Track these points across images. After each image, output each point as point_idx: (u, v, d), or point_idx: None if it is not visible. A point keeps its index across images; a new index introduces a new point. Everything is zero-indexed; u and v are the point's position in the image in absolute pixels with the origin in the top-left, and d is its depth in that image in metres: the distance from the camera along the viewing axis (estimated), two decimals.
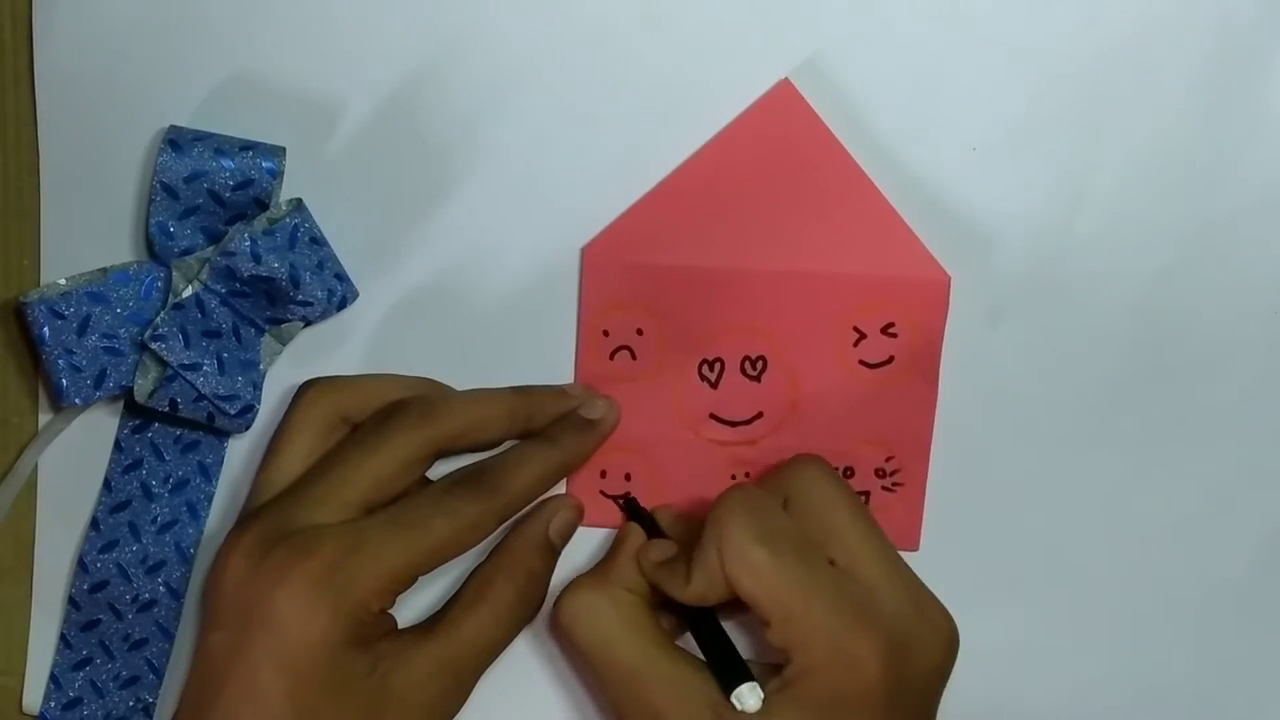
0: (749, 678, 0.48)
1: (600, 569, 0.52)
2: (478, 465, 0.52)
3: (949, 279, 0.52)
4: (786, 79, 0.52)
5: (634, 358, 0.54)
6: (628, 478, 0.54)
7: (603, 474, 0.54)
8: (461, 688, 0.51)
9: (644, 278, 0.53)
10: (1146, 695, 0.55)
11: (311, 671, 0.47)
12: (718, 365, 0.54)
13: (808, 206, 0.52)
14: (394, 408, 0.51)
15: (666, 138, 0.52)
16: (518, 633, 0.52)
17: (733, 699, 0.48)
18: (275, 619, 0.47)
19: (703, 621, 0.51)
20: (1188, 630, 0.55)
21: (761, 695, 0.47)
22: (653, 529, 0.53)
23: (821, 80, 0.51)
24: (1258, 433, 0.53)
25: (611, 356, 0.54)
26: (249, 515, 0.51)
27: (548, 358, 0.54)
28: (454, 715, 0.51)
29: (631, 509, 0.54)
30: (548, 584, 0.53)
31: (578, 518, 0.54)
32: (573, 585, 0.51)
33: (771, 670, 0.48)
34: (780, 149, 0.52)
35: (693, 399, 0.54)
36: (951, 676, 0.49)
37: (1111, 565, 0.54)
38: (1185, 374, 0.53)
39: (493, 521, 0.51)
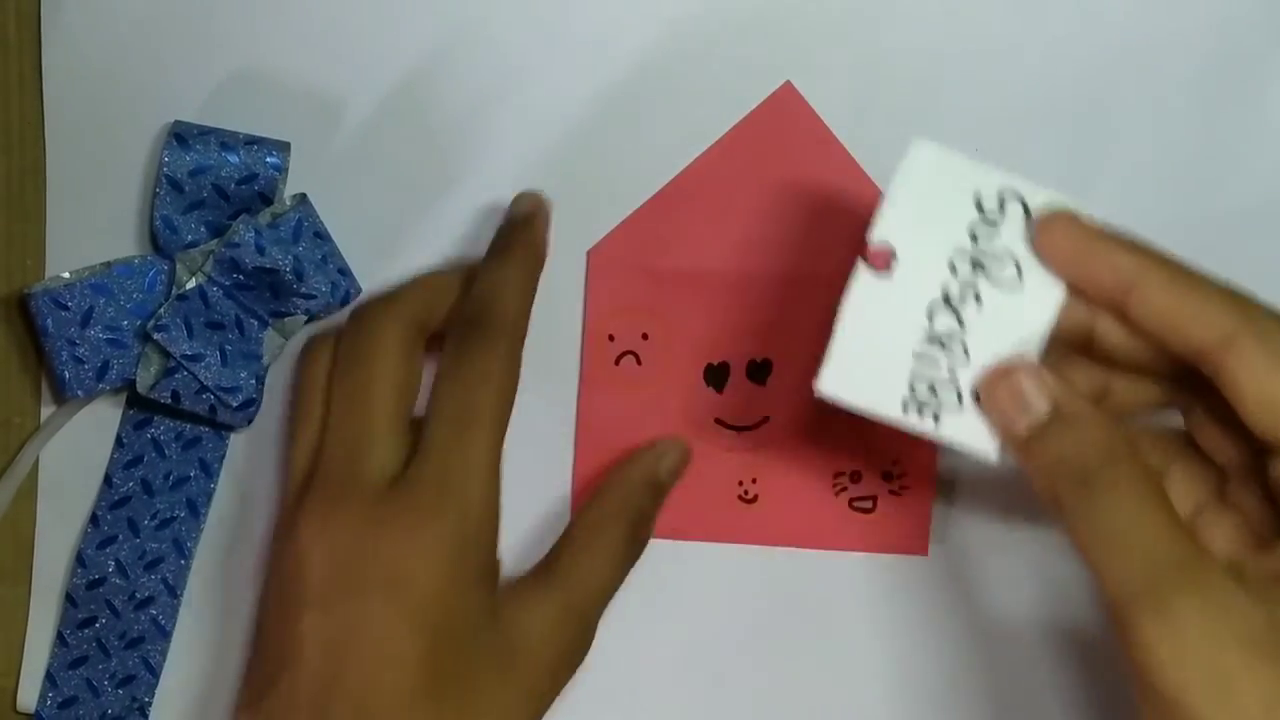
0: None
1: None
2: (460, 324, 0.49)
3: None
4: (789, 81, 0.52)
5: (639, 363, 0.53)
6: None
7: None
8: (588, 632, 0.49)
9: (649, 282, 0.53)
10: None
11: (446, 627, 0.45)
12: (723, 369, 0.53)
13: (811, 208, 0.52)
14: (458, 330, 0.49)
15: (672, 141, 0.52)
16: (629, 572, 0.51)
17: None
18: (397, 578, 0.45)
19: None
20: None
21: None
22: None
23: (823, 81, 0.52)
24: None
25: (617, 362, 0.53)
26: (314, 485, 0.47)
27: (552, 361, 0.53)
28: (581, 661, 0.49)
29: None
30: (654, 522, 0.53)
31: (688, 457, 0.54)
32: None
33: None
34: (783, 151, 0.52)
35: (698, 404, 0.53)
36: (958, 675, 0.48)
37: None
38: None
39: (517, 362, 0.48)
